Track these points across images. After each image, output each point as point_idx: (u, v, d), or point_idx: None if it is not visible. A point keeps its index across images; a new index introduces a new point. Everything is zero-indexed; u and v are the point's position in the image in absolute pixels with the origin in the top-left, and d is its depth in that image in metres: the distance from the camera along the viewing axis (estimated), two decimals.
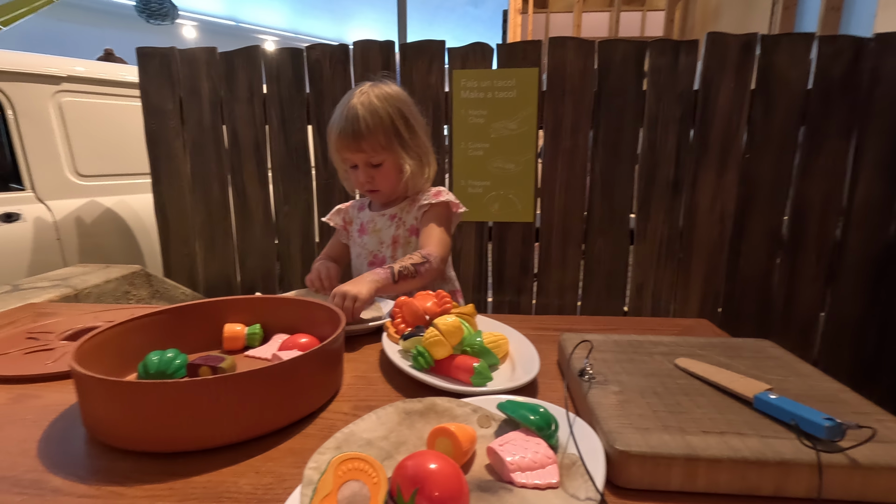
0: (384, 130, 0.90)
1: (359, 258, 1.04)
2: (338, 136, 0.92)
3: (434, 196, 0.98)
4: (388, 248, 1.00)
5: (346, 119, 0.90)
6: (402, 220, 0.99)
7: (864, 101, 1.37)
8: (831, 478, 0.40)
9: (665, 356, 0.61)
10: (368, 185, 0.95)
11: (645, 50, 1.43)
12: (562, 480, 0.40)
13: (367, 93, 0.91)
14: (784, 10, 2.94)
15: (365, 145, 0.90)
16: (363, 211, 1.05)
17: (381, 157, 0.92)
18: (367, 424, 0.45)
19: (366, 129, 0.89)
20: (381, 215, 1.01)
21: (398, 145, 0.92)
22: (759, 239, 1.47)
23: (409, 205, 1.00)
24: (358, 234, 1.04)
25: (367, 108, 0.89)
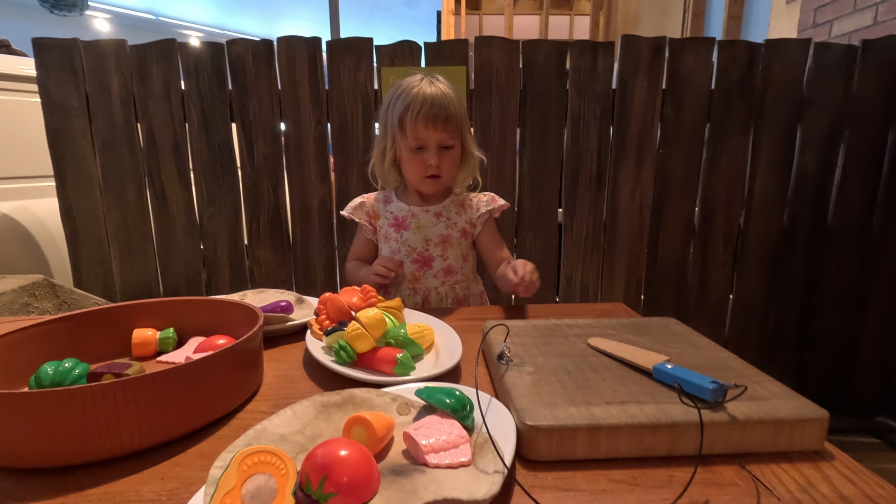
0: (460, 116, 0.93)
1: (395, 255, 1.00)
2: (422, 116, 0.89)
3: (492, 202, 1.02)
4: (436, 246, 0.99)
5: (430, 99, 0.89)
6: (450, 221, 0.99)
7: (759, 101, 1.51)
8: (714, 434, 0.44)
9: (579, 337, 0.64)
10: (435, 168, 0.93)
11: (566, 50, 1.49)
12: (474, 458, 0.41)
13: (442, 81, 0.93)
14: (693, 18, 3.18)
15: (450, 126, 0.91)
16: (391, 203, 1.02)
17: (455, 140, 0.93)
18: (282, 420, 0.44)
19: (452, 110, 0.90)
20: (425, 211, 0.99)
21: (467, 133, 0.96)
22: (674, 229, 1.58)
23: (457, 206, 1.01)
24: (393, 229, 1.00)
25: (446, 91, 0.91)
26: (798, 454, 0.45)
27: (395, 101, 0.92)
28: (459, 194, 1.03)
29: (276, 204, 1.56)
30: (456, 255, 1.00)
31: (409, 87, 0.91)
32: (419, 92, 0.89)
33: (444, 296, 1.00)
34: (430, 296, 1.00)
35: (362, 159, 1.54)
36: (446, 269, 0.99)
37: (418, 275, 0.99)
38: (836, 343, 1.65)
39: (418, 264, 0.99)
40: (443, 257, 0.99)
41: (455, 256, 1.00)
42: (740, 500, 0.39)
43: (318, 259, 1.60)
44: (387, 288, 1.01)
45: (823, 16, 2.04)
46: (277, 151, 1.54)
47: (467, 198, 1.02)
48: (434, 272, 0.99)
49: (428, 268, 0.99)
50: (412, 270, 0.99)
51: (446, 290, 1.00)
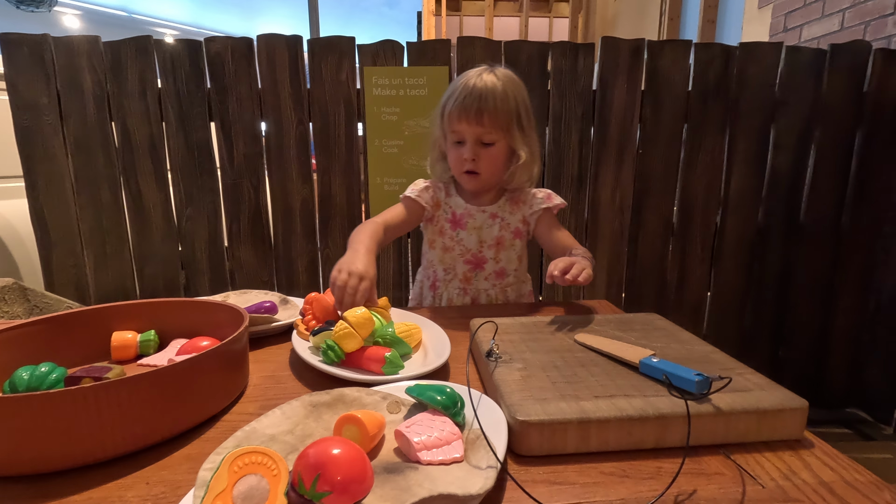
0: (507, 111, 0.87)
1: (448, 252, 0.98)
2: (457, 107, 0.86)
3: (548, 199, 0.96)
4: (490, 249, 0.96)
5: (471, 91, 0.85)
6: (504, 221, 0.96)
7: (734, 102, 1.55)
8: (701, 425, 0.45)
9: (566, 334, 0.65)
10: (471, 164, 0.89)
11: (547, 51, 1.51)
12: (466, 454, 0.42)
13: (494, 72, 0.88)
14: (670, 21, 3.24)
15: (486, 120, 0.85)
16: (452, 198, 0.99)
17: (496, 136, 0.88)
18: (271, 420, 0.44)
19: (492, 104, 0.85)
20: (481, 211, 0.96)
21: (517, 130, 0.89)
22: (654, 227, 1.61)
23: (511, 205, 0.97)
24: (450, 226, 0.97)
25: (495, 85, 0.86)
26: (780, 443, 0.46)
27: (448, 91, 0.90)
28: (514, 191, 0.98)
29: (256, 204, 1.54)
30: (509, 257, 0.97)
31: (462, 79, 0.88)
32: (465, 83, 0.86)
33: (493, 298, 0.98)
34: (480, 297, 0.98)
35: (345, 159, 1.53)
36: (498, 272, 0.98)
37: (470, 276, 0.97)
38: (809, 337, 1.70)
39: (471, 265, 0.97)
40: (495, 260, 0.97)
41: (508, 259, 0.97)
42: (726, 488, 0.40)
43: (301, 260, 1.58)
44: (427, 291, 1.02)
45: (793, 20, 2.11)
46: (258, 151, 1.51)
47: (522, 192, 0.98)
48: (486, 274, 0.97)
49: (480, 269, 0.97)
50: (464, 271, 0.97)
51: (496, 293, 0.98)
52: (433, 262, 1.00)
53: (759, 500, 0.39)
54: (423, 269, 1.04)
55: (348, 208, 1.56)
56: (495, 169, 0.91)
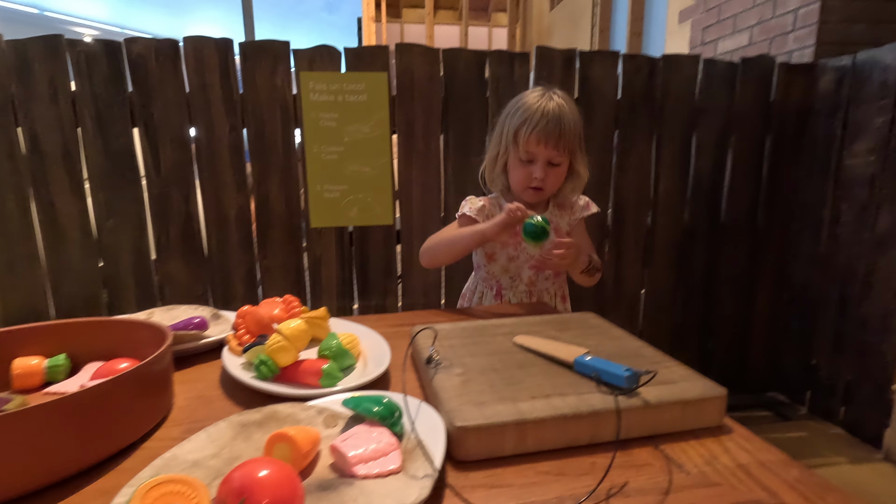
0: (575, 135, 0.95)
1: (513, 261, 1.04)
2: (537, 131, 0.93)
3: (587, 207, 1.06)
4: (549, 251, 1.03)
5: (550, 116, 0.92)
6: (557, 226, 1.05)
7: (659, 110, 1.64)
8: (631, 419, 0.46)
9: (506, 336, 0.66)
10: (539, 181, 0.96)
11: (485, 59, 1.54)
12: (404, 464, 0.41)
13: (561, 96, 0.96)
14: (601, 32, 3.41)
15: (561, 144, 0.93)
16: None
17: (564, 158, 0.96)
18: (195, 444, 0.41)
19: (567, 130, 0.93)
20: None
21: (579, 151, 0.97)
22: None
23: (560, 210, 1.05)
24: (512, 235, 1.01)
25: (566, 109, 0.94)
26: (703, 430, 0.49)
27: (515, 111, 0.96)
28: (559, 198, 1.05)
29: (187, 214, 1.46)
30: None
31: (531, 101, 0.95)
32: (539, 107, 0.93)
33: (553, 294, 1.08)
34: (543, 297, 1.06)
35: (283, 166, 1.48)
36: (557, 272, 1.07)
37: (534, 279, 1.04)
38: (732, 328, 1.83)
39: (535, 269, 1.04)
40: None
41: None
42: (654, 478, 0.42)
43: (238, 272, 1.51)
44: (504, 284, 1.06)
45: (710, 35, 2.27)
46: (187, 158, 1.44)
47: (565, 199, 1.06)
48: (546, 274, 1.05)
49: (542, 271, 1.05)
50: (529, 275, 1.04)
51: (555, 289, 1.08)
52: (495, 273, 1.06)
53: (683, 486, 0.41)
54: (483, 280, 1.09)
55: (287, 217, 1.51)
56: (557, 186, 1.00)
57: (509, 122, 0.97)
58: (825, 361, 1.68)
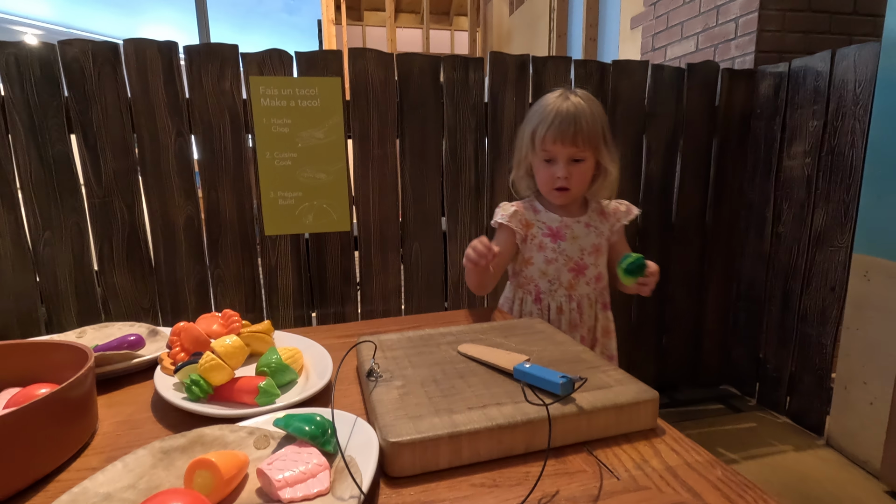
0: (596, 131, 0.94)
1: (551, 264, 1.02)
2: (552, 130, 0.93)
3: (628, 213, 1.06)
4: (590, 255, 1.03)
5: (564, 115, 0.93)
6: (597, 230, 1.03)
7: (611, 114, 1.68)
8: (566, 425, 0.47)
9: (451, 345, 0.66)
10: (564, 181, 0.96)
11: (439, 64, 1.54)
12: (334, 485, 0.40)
13: (577, 94, 0.95)
14: (558, 38, 3.48)
15: (579, 140, 0.93)
16: (541, 213, 1.04)
17: (586, 154, 0.95)
18: (109, 476, 0.39)
19: (585, 126, 0.92)
20: (577, 222, 1.03)
21: (603, 148, 0.96)
22: None
23: (599, 216, 1.05)
24: (549, 239, 1.02)
25: (583, 107, 0.93)
26: (637, 434, 0.50)
27: (533, 114, 0.98)
28: (598, 203, 1.06)
29: (132, 224, 1.40)
30: (604, 261, 1.05)
31: (547, 101, 0.96)
32: (553, 107, 0.94)
33: (593, 300, 1.05)
34: (583, 302, 1.04)
35: (234, 173, 1.44)
36: (597, 276, 1.04)
37: (574, 283, 1.03)
38: (686, 325, 1.89)
39: (574, 273, 1.02)
40: (595, 265, 1.04)
41: (603, 263, 1.05)
42: (586, 485, 0.42)
43: (188, 283, 1.46)
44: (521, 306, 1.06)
45: (659, 42, 2.35)
46: (131, 166, 1.38)
47: (606, 206, 1.06)
48: (587, 279, 1.03)
49: (582, 275, 1.03)
50: (569, 279, 1.02)
51: (596, 296, 1.05)
52: (533, 277, 1.03)
53: (613, 492, 0.41)
54: (520, 286, 1.06)
55: (240, 225, 1.47)
56: (583, 184, 0.99)
57: (528, 126, 0.99)
58: (772, 354, 1.76)
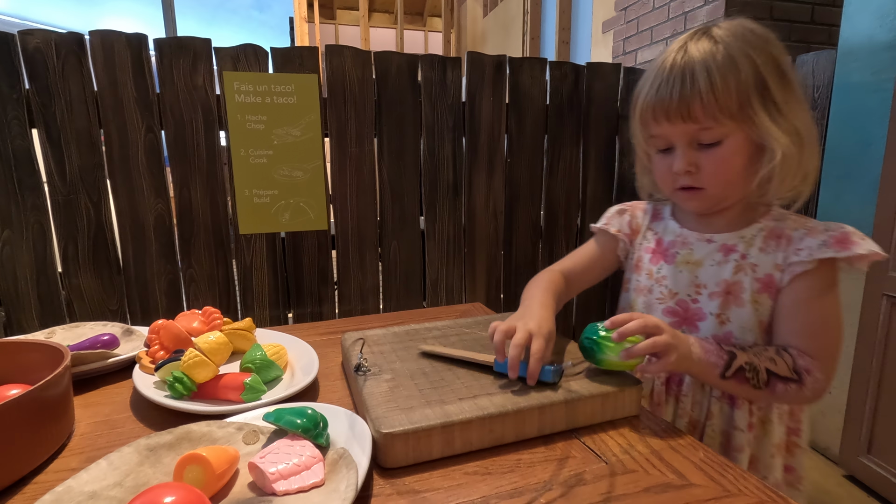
0: (735, 86, 0.54)
1: (643, 296, 0.68)
2: (651, 102, 0.58)
3: (838, 241, 0.55)
4: (712, 300, 0.61)
5: (669, 73, 0.56)
6: (747, 260, 0.60)
7: (585, 115, 1.72)
8: (554, 414, 0.48)
9: (437, 339, 0.66)
10: (688, 178, 0.58)
11: (417, 63, 1.54)
12: (328, 476, 0.40)
13: (709, 33, 0.57)
14: (532, 40, 3.53)
15: (697, 110, 0.54)
16: (661, 221, 0.70)
17: (723, 130, 0.55)
18: (93, 474, 0.38)
19: (704, 84, 0.54)
20: (705, 240, 0.63)
21: (762, 112, 0.54)
22: (524, 231, 1.73)
23: (767, 237, 0.60)
24: (650, 256, 0.68)
25: (710, 52, 0.55)
26: (622, 420, 0.51)
27: (644, 78, 0.62)
28: (779, 216, 0.62)
29: (98, 222, 1.34)
30: (746, 320, 0.59)
31: (660, 59, 0.59)
32: (662, 62, 0.58)
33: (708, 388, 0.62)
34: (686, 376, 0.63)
35: (207, 170, 1.40)
36: (722, 340, 0.59)
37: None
38: None
39: (677, 319, 0.64)
40: (719, 318, 0.61)
41: (743, 321, 0.60)
42: (576, 470, 0.43)
43: (158, 283, 1.41)
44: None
45: (630, 45, 2.41)
46: (97, 162, 1.32)
47: (794, 225, 0.60)
48: (700, 335, 0.62)
49: (692, 328, 0.62)
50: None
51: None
52: (624, 308, 0.74)
53: (602, 475, 0.42)
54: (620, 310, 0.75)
55: (213, 223, 1.43)
56: (727, 178, 0.58)
57: (634, 98, 0.65)
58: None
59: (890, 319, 1.30)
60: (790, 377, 0.53)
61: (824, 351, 0.55)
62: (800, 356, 0.54)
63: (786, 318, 0.57)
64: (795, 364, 0.54)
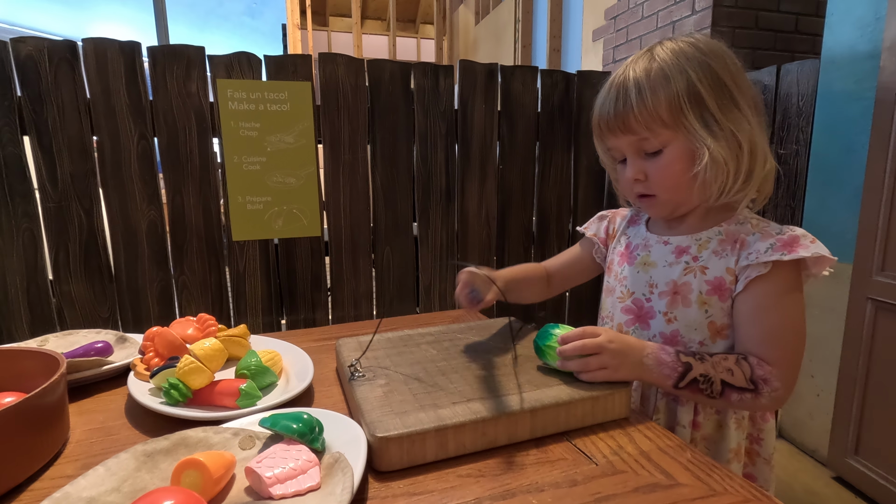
0: (669, 96, 0.57)
1: (610, 296, 0.71)
2: (596, 114, 0.63)
3: (785, 245, 0.56)
4: (661, 299, 0.63)
5: (609, 88, 0.62)
6: (698, 262, 0.61)
7: (575, 122, 1.75)
8: (546, 417, 0.49)
9: (430, 344, 0.67)
10: (640, 186, 0.62)
11: (410, 71, 1.56)
12: (323, 480, 0.40)
13: (653, 52, 0.60)
14: (523, 48, 3.57)
15: (633, 120, 0.58)
16: (635, 226, 0.73)
17: (661, 139, 0.58)
18: (91, 480, 0.38)
19: (634, 97, 0.58)
20: (663, 243, 0.66)
21: (696, 121, 0.57)
22: (517, 236, 1.74)
23: (727, 242, 0.61)
24: (619, 259, 0.71)
25: (645, 70, 0.59)
26: (611, 423, 0.52)
27: None
28: (742, 221, 0.62)
29: (90, 230, 1.34)
30: (693, 320, 0.61)
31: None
32: (607, 82, 0.63)
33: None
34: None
35: (200, 177, 1.41)
36: (669, 338, 0.62)
37: (626, 332, 0.67)
38: None
39: (633, 317, 0.66)
40: (667, 317, 0.63)
41: (689, 321, 0.61)
42: (567, 471, 0.44)
43: (150, 290, 1.41)
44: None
45: (619, 54, 2.45)
46: (89, 169, 1.32)
47: (751, 229, 0.61)
48: (649, 336, 0.64)
49: (644, 326, 0.65)
50: (620, 323, 0.68)
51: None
52: (601, 311, 0.75)
53: (592, 476, 0.43)
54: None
55: (206, 230, 1.43)
56: (672, 183, 0.60)
57: None
58: None
59: (875, 322, 1.33)
60: (746, 387, 0.54)
61: (783, 359, 0.55)
62: (759, 365, 0.55)
63: (745, 324, 0.58)
64: (753, 374, 0.54)
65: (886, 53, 1.26)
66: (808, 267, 0.56)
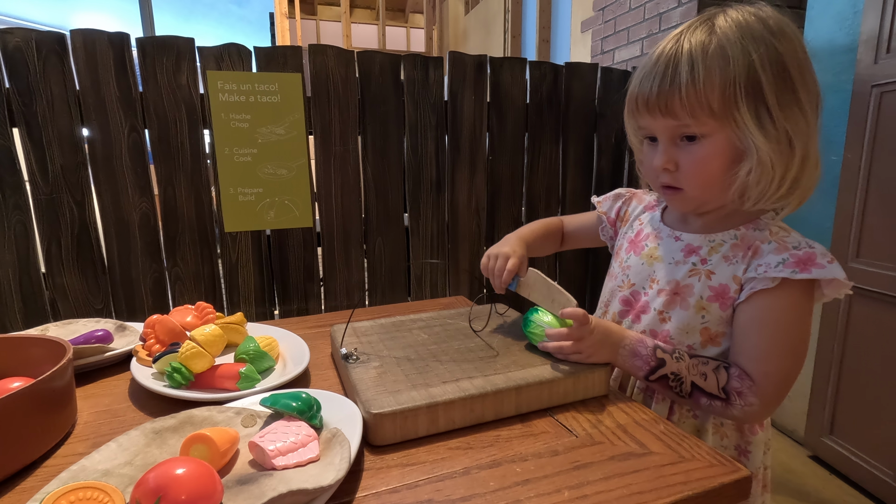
0: (724, 81, 0.50)
1: (612, 281, 0.69)
2: (634, 89, 0.57)
3: (799, 262, 0.52)
4: (659, 296, 0.60)
5: (657, 60, 0.54)
6: (707, 266, 0.58)
7: (564, 114, 1.77)
8: (530, 394, 0.52)
9: (421, 329, 0.70)
10: (667, 176, 0.56)
11: (399, 62, 1.57)
12: (322, 453, 0.43)
13: (713, 21, 0.53)
14: (513, 38, 3.57)
15: (677, 103, 0.52)
16: (650, 212, 0.69)
17: (703, 128, 0.52)
18: (105, 454, 0.41)
19: (685, 76, 0.51)
20: (675, 238, 0.62)
21: (748, 114, 0.50)
22: (506, 226, 1.77)
23: (736, 247, 0.57)
24: (627, 247, 0.68)
25: (702, 43, 0.51)
26: (592, 399, 0.56)
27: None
28: (762, 225, 0.58)
29: (82, 222, 1.35)
30: (686, 323, 0.58)
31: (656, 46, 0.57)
32: (654, 53, 0.56)
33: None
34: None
35: (191, 168, 1.41)
36: (658, 337, 0.60)
37: (618, 322, 0.66)
38: None
39: (628, 308, 0.65)
40: (661, 316, 0.60)
41: (683, 323, 0.59)
42: (549, 443, 0.48)
43: (144, 281, 1.42)
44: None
45: (608, 45, 2.47)
46: (80, 161, 1.33)
47: (769, 237, 0.56)
48: (641, 329, 0.62)
49: (635, 320, 0.63)
50: (615, 313, 0.66)
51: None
52: (601, 296, 0.73)
53: (572, 447, 0.47)
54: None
55: (198, 221, 1.45)
56: (704, 180, 0.55)
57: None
58: None
59: (850, 308, 1.39)
60: (717, 395, 0.53)
61: (767, 377, 0.52)
62: (739, 377, 0.53)
63: (739, 335, 0.55)
64: (729, 385, 0.53)
65: (863, 46, 1.30)
66: (822, 287, 0.53)
